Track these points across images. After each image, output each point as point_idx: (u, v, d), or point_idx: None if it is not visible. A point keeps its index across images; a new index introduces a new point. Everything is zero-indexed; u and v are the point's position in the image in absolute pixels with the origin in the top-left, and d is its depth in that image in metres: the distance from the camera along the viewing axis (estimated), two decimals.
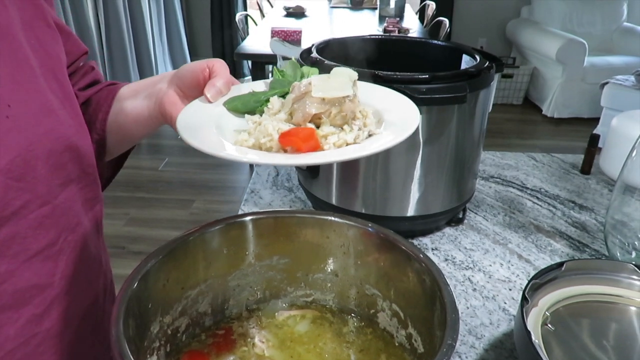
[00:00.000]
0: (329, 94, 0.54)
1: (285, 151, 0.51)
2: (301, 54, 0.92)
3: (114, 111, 0.69)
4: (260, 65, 2.82)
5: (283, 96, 0.60)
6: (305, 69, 0.67)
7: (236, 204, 2.82)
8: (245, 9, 4.72)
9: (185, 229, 0.54)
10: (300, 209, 0.90)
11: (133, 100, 0.68)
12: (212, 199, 2.82)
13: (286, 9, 3.89)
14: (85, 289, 0.61)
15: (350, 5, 4.38)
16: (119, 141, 0.71)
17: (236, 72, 4.77)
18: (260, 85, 0.63)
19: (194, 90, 0.60)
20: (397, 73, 0.72)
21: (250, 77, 4.61)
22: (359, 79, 0.58)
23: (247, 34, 3.58)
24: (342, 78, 0.58)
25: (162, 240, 0.57)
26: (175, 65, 4.44)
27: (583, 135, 3.36)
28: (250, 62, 3.32)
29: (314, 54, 0.86)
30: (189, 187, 2.90)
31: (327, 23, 3.82)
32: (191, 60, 4.54)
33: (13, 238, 0.50)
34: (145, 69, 3.81)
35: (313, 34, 3.19)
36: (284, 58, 2.27)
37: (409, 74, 0.72)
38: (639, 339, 0.57)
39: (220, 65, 0.60)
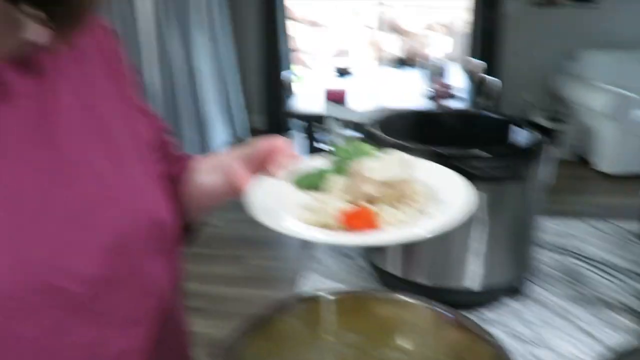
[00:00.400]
0: (383, 176, 0.58)
1: (346, 230, 0.55)
2: (357, 127, 0.97)
3: (190, 184, 0.75)
4: (307, 122, 2.93)
5: (343, 173, 0.65)
6: (364, 146, 0.71)
7: (289, 261, 2.86)
8: (292, 70, 4.92)
9: (240, 285, 0.58)
10: (374, 287, 0.91)
11: (207, 174, 0.74)
12: (265, 255, 2.87)
13: (333, 67, 4.03)
14: (170, 352, 0.65)
15: (397, 64, 4.50)
16: (195, 211, 0.77)
17: (282, 129, 4.93)
18: (321, 162, 0.67)
19: (259, 165, 0.64)
20: (453, 150, 0.75)
21: (297, 132, 4.75)
22: (413, 155, 0.62)
23: (293, 93, 3.73)
24: (397, 158, 0.61)
25: (219, 297, 0.61)
26: (231, 121, 4.62)
27: (637, 190, 3.26)
28: (296, 120, 3.44)
29: (370, 128, 0.91)
30: (243, 243, 2.97)
31: (374, 82, 3.92)
32: (248, 117, 4.74)
33: (108, 307, 0.55)
34: (202, 126, 3.98)
35: (360, 92, 3.29)
36: (335, 119, 2.32)
37: (464, 150, 0.75)
38: None
39: (283, 143, 0.64)
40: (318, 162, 0.66)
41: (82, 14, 0.52)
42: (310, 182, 0.63)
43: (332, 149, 0.68)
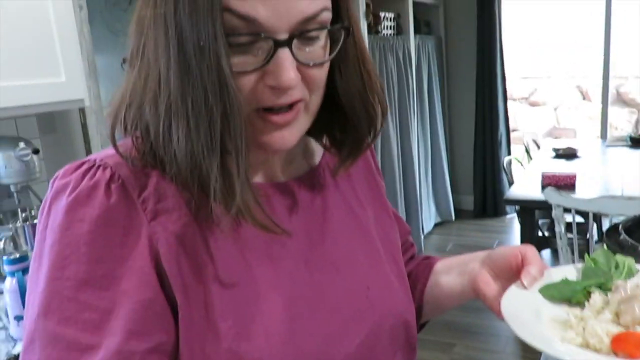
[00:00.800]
0: None
1: (616, 355, 0.51)
2: (607, 232, 0.90)
3: (430, 284, 0.78)
4: (530, 210, 2.77)
5: (600, 287, 0.61)
6: (620, 258, 0.67)
7: (498, 354, 2.67)
8: (510, 151, 4.76)
9: None
10: None
11: (447, 275, 0.76)
12: (473, 345, 2.74)
13: (555, 150, 3.78)
14: None
15: (629, 144, 4.05)
16: (432, 310, 0.79)
17: (498, 212, 4.74)
18: (571, 271, 0.65)
19: (506, 273, 0.64)
20: None
21: (515, 216, 4.52)
22: None
23: (510, 175, 3.59)
24: None
25: None
26: (437, 203, 4.64)
27: None
28: (514, 205, 3.29)
29: (622, 236, 0.84)
30: (451, 330, 2.88)
31: (602, 165, 3.58)
32: (452, 198, 4.71)
33: None
34: (411, 206, 4.07)
35: (588, 178, 3.02)
36: (558, 206, 2.16)
37: None
38: None
39: (532, 253, 0.64)
40: (568, 272, 0.64)
41: (365, 148, 0.64)
42: (560, 294, 0.60)
43: (586, 258, 0.65)
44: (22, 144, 1.51)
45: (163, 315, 0.51)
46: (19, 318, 1.21)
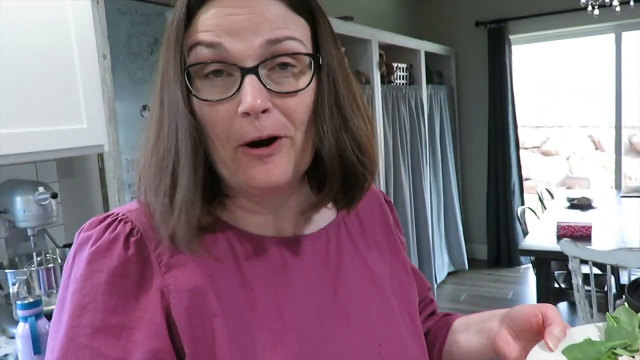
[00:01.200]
0: None
1: None
2: (628, 288, 0.88)
3: (448, 342, 0.76)
4: (545, 261, 2.73)
5: (625, 348, 0.59)
6: None
7: None
8: (523, 200, 4.73)
9: None
10: None
11: (465, 333, 0.74)
12: None
13: (569, 200, 3.75)
14: None
15: None
16: None
17: (512, 262, 4.67)
18: (593, 331, 0.63)
19: (526, 332, 0.63)
20: None
21: (530, 267, 4.44)
22: None
23: (524, 225, 3.55)
24: None
25: None
26: (450, 252, 4.58)
27: None
28: (527, 255, 3.25)
29: None
30: None
31: (617, 215, 3.54)
32: (466, 247, 4.66)
33: None
34: (423, 254, 4.03)
35: (604, 228, 2.99)
36: (574, 257, 2.12)
37: None
38: None
39: (553, 312, 0.62)
40: (591, 332, 0.62)
41: (360, 197, 0.63)
42: (585, 356, 0.59)
43: (607, 317, 0.64)
44: (41, 189, 1.53)
45: None
46: None
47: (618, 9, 2.87)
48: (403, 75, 3.93)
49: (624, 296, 1.77)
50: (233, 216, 0.60)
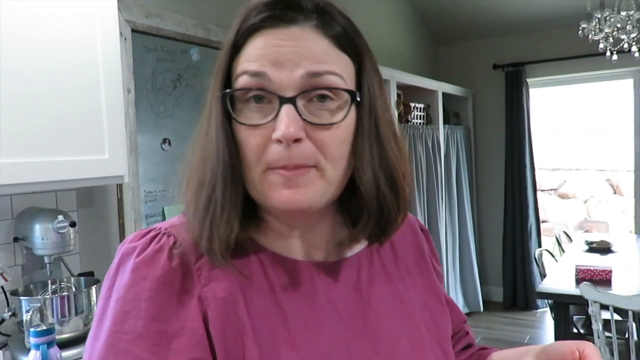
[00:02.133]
0: None
1: None
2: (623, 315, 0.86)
3: None
4: (564, 305, 2.66)
5: None
6: None
7: None
8: (540, 243, 4.66)
9: None
10: None
11: None
12: None
13: (588, 243, 3.68)
14: None
15: None
16: None
17: (529, 305, 4.57)
18: None
19: None
20: None
21: (547, 310, 4.34)
22: None
23: (542, 268, 3.49)
24: None
25: None
26: (465, 293, 4.50)
27: None
28: (545, 299, 3.17)
29: None
30: None
31: (638, 260, 3.46)
32: (481, 288, 4.57)
33: None
34: None
35: (624, 272, 2.92)
36: (594, 302, 2.07)
37: None
38: None
39: (591, 351, 0.60)
40: None
41: (392, 232, 0.64)
42: None
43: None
44: (60, 217, 1.55)
45: None
46: None
47: (637, 54, 2.89)
48: (420, 115, 3.97)
49: None
50: (265, 238, 0.62)
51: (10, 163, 1.34)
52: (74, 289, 1.66)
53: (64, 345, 1.42)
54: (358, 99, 0.58)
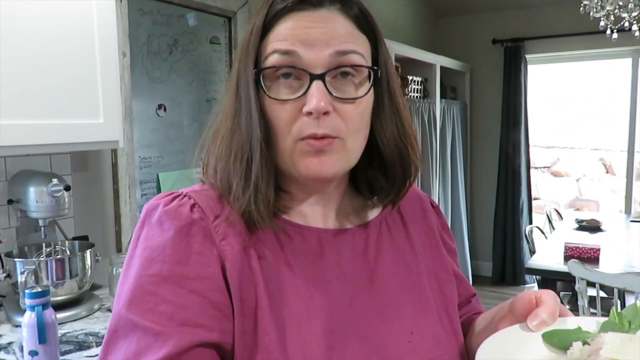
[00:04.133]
0: (621, 357, 0.51)
1: None
2: (607, 291, 0.88)
3: (469, 334, 0.77)
4: (552, 281, 2.71)
5: None
6: None
7: None
8: (531, 219, 4.71)
9: None
10: None
11: (483, 325, 0.75)
12: None
13: (578, 221, 3.73)
14: None
15: None
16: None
17: (517, 280, 4.65)
18: (589, 323, 0.62)
19: (525, 318, 0.63)
20: None
21: (535, 286, 4.41)
22: None
23: (532, 244, 3.54)
24: None
25: None
26: None
27: None
28: (533, 275, 3.23)
29: None
30: None
31: (626, 239, 3.51)
32: (471, 263, 4.64)
33: None
34: None
35: (612, 251, 2.97)
36: (580, 279, 2.11)
37: None
38: None
39: (547, 297, 0.63)
40: (586, 324, 0.61)
41: (405, 192, 0.71)
42: (560, 343, 0.58)
43: (612, 311, 0.62)
44: (55, 180, 1.55)
45: (228, 317, 0.59)
46: (33, 353, 1.21)
47: (637, 33, 2.87)
48: (417, 89, 3.94)
49: None
50: (284, 206, 0.67)
51: (4, 125, 1.33)
52: (68, 252, 1.67)
53: (58, 307, 1.44)
54: (378, 76, 0.64)
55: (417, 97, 3.92)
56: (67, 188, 1.58)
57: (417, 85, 3.93)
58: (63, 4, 1.45)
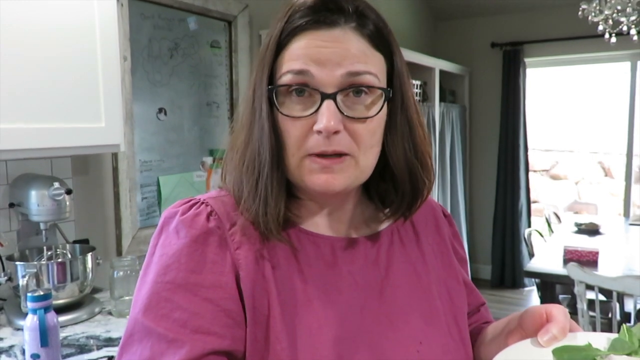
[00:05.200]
0: None
1: None
2: (638, 313, 0.88)
3: (477, 344, 0.78)
4: (551, 284, 2.72)
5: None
6: None
7: None
8: (530, 223, 4.71)
9: None
10: None
11: (492, 336, 0.75)
12: None
13: (577, 224, 3.74)
14: None
15: None
16: None
17: (516, 283, 4.65)
18: (599, 339, 0.62)
19: (535, 332, 0.63)
20: None
21: (534, 289, 4.42)
22: None
23: (530, 247, 3.54)
24: None
25: None
26: None
27: None
28: (533, 278, 3.23)
29: None
30: None
31: (625, 243, 3.52)
32: (470, 266, 4.64)
33: None
34: None
35: (610, 254, 2.97)
36: (580, 282, 2.11)
37: None
38: None
39: (557, 312, 0.63)
40: (596, 340, 0.61)
41: (416, 209, 0.71)
42: (571, 357, 0.58)
43: (622, 328, 0.63)
44: (56, 184, 1.56)
45: (240, 325, 0.60)
46: (35, 356, 1.21)
47: (635, 37, 2.89)
48: (417, 92, 3.95)
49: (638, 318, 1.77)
50: (297, 215, 0.68)
51: (6, 129, 1.34)
52: (69, 256, 1.67)
53: (60, 310, 1.44)
54: (390, 96, 0.65)
55: (416, 100, 3.93)
56: (69, 192, 1.58)
57: (417, 88, 3.94)
58: (65, 8, 1.46)
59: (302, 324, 0.61)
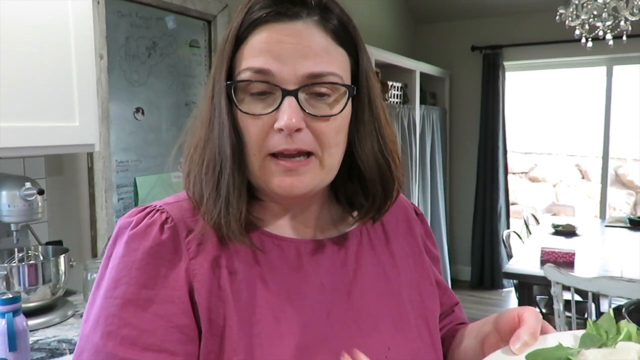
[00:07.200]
0: None
1: None
2: (627, 309, 0.88)
3: (452, 347, 0.77)
4: (528, 285, 2.74)
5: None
6: (623, 323, 0.63)
7: None
8: (509, 224, 4.76)
9: None
10: None
11: (467, 339, 0.75)
12: None
13: (554, 226, 3.78)
14: None
15: (628, 225, 4.06)
16: None
17: (495, 284, 4.69)
18: (568, 339, 0.61)
19: (509, 335, 0.62)
20: None
21: (512, 290, 4.46)
22: None
23: (509, 249, 3.57)
24: (627, 356, 0.54)
25: None
26: None
27: None
28: (510, 279, 3.26)
29: (626, 319, 0.82)
30: None
31: (601, 244, 3.57)
32: (450, 267, 4.67)
33: None
34: None
35: (587, 256, 3.01)
36: (556, 283, 2.12)
37: None
38: None
39: (529, 316, 0.62)
40: (565, 339, 0.61)
41: (386, 210, 0.69)
42: (546, 359, 0.58)
43: (588, 323, 0.62)
44: (28, 184, 1.52)
45: (193, 340, 0.58)
46: None
47: (611, 42, 2.93)
48: (397, 94, 3.97)
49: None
50: (259, 217, 0.65)
51: None
52: (41, 258, 1.63)
53: (31, 313, 1.41)
54: (354, 93, 0.62)
55: (397, 102, 3.95)
56: (41, 192, 1.55)
57: (397, 90, 3.96)
58: (37, 4, 1.43)
59: (261, 333, 0.59)
